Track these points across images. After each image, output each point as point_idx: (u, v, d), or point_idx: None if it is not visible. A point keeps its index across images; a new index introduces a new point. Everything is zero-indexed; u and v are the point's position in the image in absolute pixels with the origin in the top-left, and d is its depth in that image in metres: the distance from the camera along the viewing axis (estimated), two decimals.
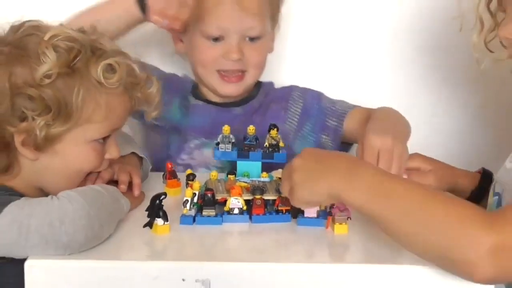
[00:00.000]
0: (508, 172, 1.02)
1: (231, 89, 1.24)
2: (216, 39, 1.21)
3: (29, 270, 0.83)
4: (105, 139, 1.01)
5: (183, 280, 0.84)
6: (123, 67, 0.98)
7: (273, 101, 1.30)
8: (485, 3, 0.99)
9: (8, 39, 0.96)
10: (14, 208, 0.87)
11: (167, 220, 0.93)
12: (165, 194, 0.92)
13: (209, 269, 0.85)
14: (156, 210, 0.92)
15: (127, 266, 0.86)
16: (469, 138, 1.51)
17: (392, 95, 1.45)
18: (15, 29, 0.98)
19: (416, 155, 1.15)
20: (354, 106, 1.27)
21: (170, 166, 1.09)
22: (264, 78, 1.33)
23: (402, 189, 0.87)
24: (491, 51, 1.01)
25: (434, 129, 1.44)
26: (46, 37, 0.94)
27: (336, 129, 1.25)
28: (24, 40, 0.96)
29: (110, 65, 0.96)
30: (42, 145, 0.95)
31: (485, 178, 1.16)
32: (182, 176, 1.10)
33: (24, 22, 0.98)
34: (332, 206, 0.98)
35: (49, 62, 0.92)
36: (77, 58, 0.94)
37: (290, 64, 1.43)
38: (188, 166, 1.19)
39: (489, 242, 0.78)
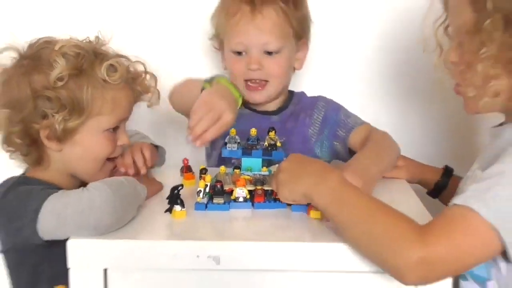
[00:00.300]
0: (465, 180, 1.07)
1: (256, 96, 1.33)
2: (240, 53, 1.31)
3: (71, 248, 0.92)
4: (115, 129, 1.09)
5: (198, 256, 0.92)
6: (123, 66, 1.07)
7: (302, 109, 1.38)
8: (443, 29, 1.04)
9: (26, 54, 1.06)
10: (52, 200, 0.95)
11: (183, 207, 1.00)
12: (182, 185, 1.01)
13: (219, 247, 0.93)
14: (174, 198, 1.00)
15: (151, 245, 0.93)
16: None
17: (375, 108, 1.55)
18: (31, 45, 1.07)
19: None
20: (363, 123, 1.33)
21: (186, 162, 1.18)
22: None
23: (355, 200, 0.93)
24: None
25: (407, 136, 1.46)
26: (56, 47, 1.03)
27: (344, 139, 1.32)
28: (39, 52, 1.05)
29: (111, 65, 1.05)
30: (63, 137, 1.03)
31: (447, 173, 1.26)
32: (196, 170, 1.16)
33: (38, 39, 1.07)
34: None
35: (59, 67, 1.01)
36: (83, 61, 1.03)
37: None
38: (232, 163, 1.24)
39: (415, 255, 0.83)
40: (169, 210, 1.01)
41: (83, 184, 1.08)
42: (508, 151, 0.91)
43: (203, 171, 1.08)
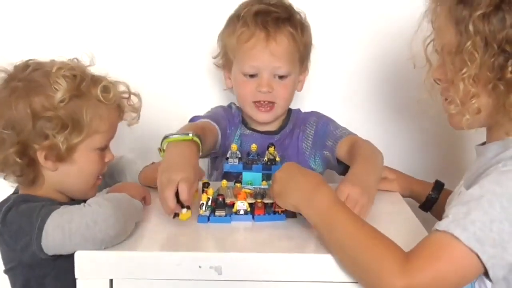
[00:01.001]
0: (453, 195, 1.09)
1: (264, 117, 1.38)
2: (251, 76, 1.35)
3: (78, 259, 0.94)
4: (104, 148, 1.11)
5: (200, 267, 0.93)
6: (115, 87, 1.10)
7: (296, 125, 1.44)
8: (433, 46, 1.05)
9: (18, 76, 1.06)
10: (56, 216, 0.97)
11: (189, 208, 1.02)
12: None
13: (220, 258, 0.94)
14: (180, 203, 1.01)
15: (155, 256, 0.95)
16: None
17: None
18: (21, 67, 1.07)
19: (384, 167, 1.26)
20: (349, 134, 1.38)
21: None
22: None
23: (343, 221, 0.94)
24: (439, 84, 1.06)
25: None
26: (54, 70, 1.05)
27: (332, 148, 1.37)
28: (31, 75, 1.06)
29: (105, 86, 1.07)
30: (64, 156, 1.05)
31: (438, 187, 1.29)
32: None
33: (27, 61, 1.08)
34: None
35: (62, 89, 1.03)
36: (81, 83, 1.05)
37: None
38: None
39: (399, 284, 0.85)
40: (177, 214, 1.03)
41: (71, 199, 1.11)
42: (488, 174, 0.94)
43: (206, 185, 1.10)
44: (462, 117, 0.98)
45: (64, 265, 1.00)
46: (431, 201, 1.30)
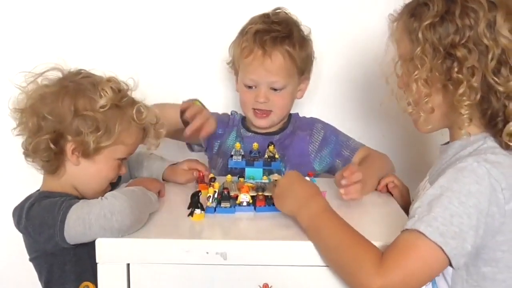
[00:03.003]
0: (417, 192, 1.15)
1: (261, 123, 1.48)
2: (250, 87, 1.45)
3: (98, 246, 1.00)
4: (123, 160, 1.18)
5: (207, 253, 0.99)
6: (150, 111, 1.18)
7: (299, 128, 1.52)
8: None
9: (70, 78, 1.15)
10: (76, 209, 1.03)
11: (203, 210, 1.09)
12: (200, 191, 1.11)
13: (225, 245, 1.00)
14: (195, 203, 1.08)
15: (167, 243, 1.00)
16: None
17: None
18: (74, 72, 1.17)
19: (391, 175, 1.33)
20: (362, 145, 1.49)
21: (201, 174, 1.29)
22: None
23: (330, 227, 0.99)
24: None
25: None
26: (104, 80, 1.14)
27: (348, 158, 1.47)
28: (82, 80, 1.15)
29: (141, 107, 1.16)
30: (90, 153, 1.12)
31: None
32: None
33: (80, 69, 1.18)
34: None
35: (107, 96, 1.12)
36: (124, 99, 1.14)
37: None
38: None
39: (376, 285, 0.91)
40: (191, 214, 1.09)
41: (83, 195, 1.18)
42: (447, 172, 0.99)
43: (212, 180, 1.16)
44: (419, 117, 1.05)
45: (82, 252, 1.07)
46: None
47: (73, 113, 1.11)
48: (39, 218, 1.07)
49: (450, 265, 0.95)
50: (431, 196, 0.98)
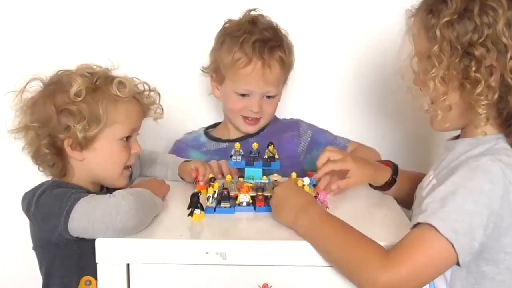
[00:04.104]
0: (420, 187, 1.14)
1: (250, 129, 1.50)
2: (244, 95, 1.45)
3: (98, 246, 1.00)
4: (128, 138, 1.17)
5: (207, 253, 0.98)
6: (131, 82, 1.18)
7: (283, 129, 1.53)
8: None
9: (49, 82, 1.17)
10: (83, 202, 1.04)
11: (203, 210, 1.09)
12: (200, 192, 1.11)
13: (225, 245, 0.99)
14: (195, 203, 1.08)
15: (166, 243, 1.00)
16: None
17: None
18: (52, 76, 1.18)
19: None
20: (349, 141, 1.52)
21: (197, 175, 1.29)
22: None
23: (330, 228, 0.99)
24: None
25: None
26: (74, 70, 1.16)
27: None
28: (59, 78, 1.16)
29: (121, 82, 1.15)
30: (84, 144, 1.12)
31: (395, 169, 1.29)
32: None
33: (58, 71, 1.19)
34: (315, 197, 1.13)
35: (77, 84, 1.11)
36: (97, 80, 1.14)
37: None
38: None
39: (381, 281, 0.90)
40: (191, 214, 1.09)
41: (103, 190, 1.19)
42: (459, 169, 0.99)
43: (212, 180, 1.17)
44: (436, 115, 1.04)
45: (86, 247, 1.06)
46: (391, 183, 1.28)
47: (55, 112, 1.12)
48: (47, 206, 1.08)
49: (456, 263, 0.95)
50: (443, 193, 0.97)
